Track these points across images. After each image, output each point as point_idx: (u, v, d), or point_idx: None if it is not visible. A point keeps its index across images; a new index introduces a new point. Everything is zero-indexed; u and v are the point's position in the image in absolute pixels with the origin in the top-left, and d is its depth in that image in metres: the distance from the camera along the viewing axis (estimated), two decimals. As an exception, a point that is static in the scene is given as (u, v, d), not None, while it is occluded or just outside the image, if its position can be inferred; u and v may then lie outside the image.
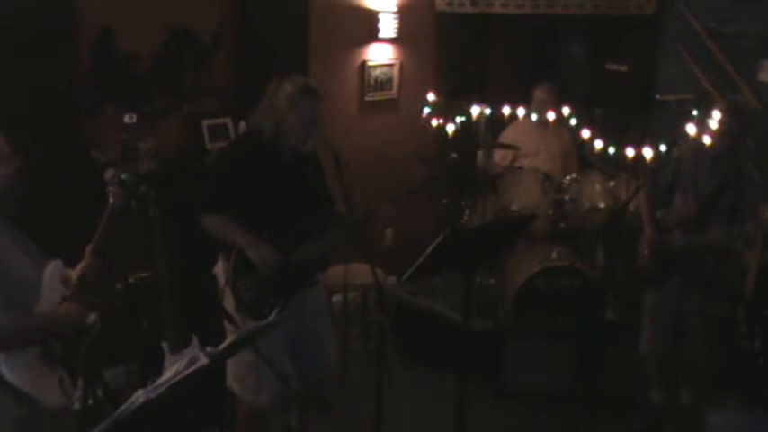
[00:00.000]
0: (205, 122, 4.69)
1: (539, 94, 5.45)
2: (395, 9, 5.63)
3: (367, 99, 5.70)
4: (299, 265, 3.37)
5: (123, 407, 2.09)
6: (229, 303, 3.35)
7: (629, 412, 4.31)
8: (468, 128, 5.49)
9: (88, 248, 2.84)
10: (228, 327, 3.34)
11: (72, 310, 2.69)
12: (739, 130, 3.83)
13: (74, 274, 2.79)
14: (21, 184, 2.63)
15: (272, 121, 3.29)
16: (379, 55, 5.69)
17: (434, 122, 5.58)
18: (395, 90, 5.84)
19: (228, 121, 4.76)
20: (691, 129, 4.60)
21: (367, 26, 5.56)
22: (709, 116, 4.26)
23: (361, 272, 4.12)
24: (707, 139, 4.04)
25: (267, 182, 3.32)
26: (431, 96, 5.71)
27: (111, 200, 2.95)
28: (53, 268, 2.70)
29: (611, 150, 5.07)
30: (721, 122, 3.85)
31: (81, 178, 4.00)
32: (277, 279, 3.32)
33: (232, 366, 3.40)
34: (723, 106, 3.98)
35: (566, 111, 5.61)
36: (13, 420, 2.52)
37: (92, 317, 2.77)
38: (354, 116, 5.67)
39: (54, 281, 2.68)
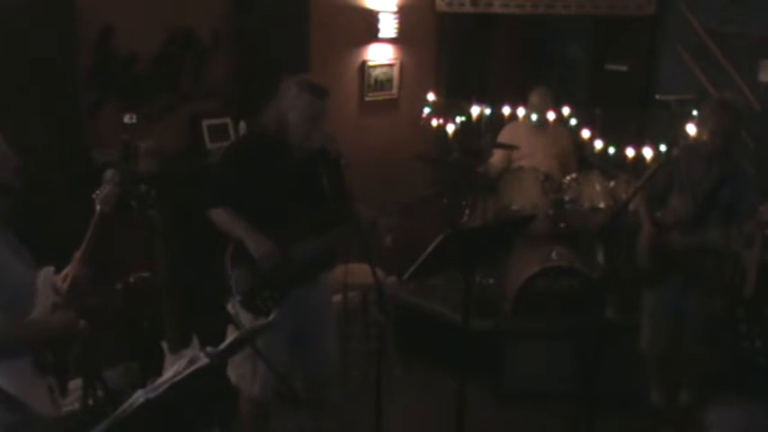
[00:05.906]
0: (205, 122, 4.70)
1: (533, 98, 5.42)
2: (395, 9, 5.63)
3: (367, 99, 5.70)
4: (298, 262, 3.38)
5: (123, 407, 2.09)
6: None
7: (629, 412, 4.31)
8: (468, 128, 5.50)
9: (76, 254, 2.78)
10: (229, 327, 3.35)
11: (65, 318, 2.64)
12: (731, 127, 3.76)
13: (59, 279, 2.73)
14: (19, 183, 2.60)
15: (274, 118, 3.33)
16: (379, 55, 5.69)
17: (434, 122, 5.60)
18: (395, 90, 5.84)
19: (228, 121, 4.77)
20: (691, 129, 4.60)
21: (367, 26, 5.56)
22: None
23: (361, 272, 4.11)
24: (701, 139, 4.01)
25: (271, 178, 3.33)
26: (431, 96, 5.72)
27: (98, 207, 2.85)
28: (45, 274, 2.66)
29: (611, 150, 5.07)
30: (712, 120, 3.78)
31: (81, 178, 4.00)
32: (274, 274, 3.34)
33: None
34: (713, 103, 3.93)
35: (566, 111, 5.62)
36: (4, 427, 2.49)
37: (80, 323, 2.71)
38: (354, 116, 5.67)
39: (46, 287, 2.65)
